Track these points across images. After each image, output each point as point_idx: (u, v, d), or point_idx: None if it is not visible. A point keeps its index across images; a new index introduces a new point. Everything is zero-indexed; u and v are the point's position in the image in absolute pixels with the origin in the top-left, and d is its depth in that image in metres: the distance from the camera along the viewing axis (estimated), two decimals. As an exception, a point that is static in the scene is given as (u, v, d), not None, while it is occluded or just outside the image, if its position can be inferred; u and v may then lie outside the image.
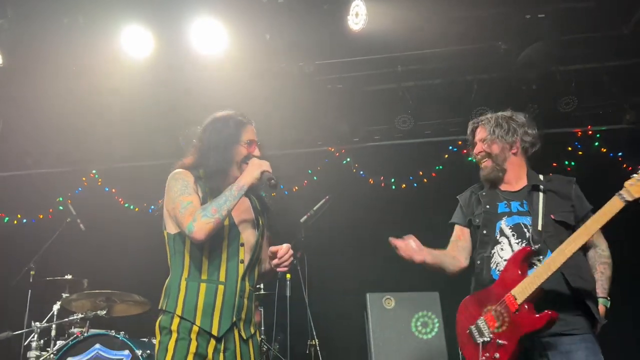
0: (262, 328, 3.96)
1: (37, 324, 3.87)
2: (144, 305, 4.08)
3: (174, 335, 1.91)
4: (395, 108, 5.20)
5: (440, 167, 5.37)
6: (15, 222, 5.59)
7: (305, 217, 3.94)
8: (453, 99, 5.20)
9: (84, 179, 5.68)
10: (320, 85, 5.08)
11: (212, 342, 1.92)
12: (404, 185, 5.43)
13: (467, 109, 5.09)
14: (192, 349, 1.89)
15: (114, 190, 5.67)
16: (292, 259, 2.09)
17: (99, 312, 3.86)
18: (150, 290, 4.31)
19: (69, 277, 4.17)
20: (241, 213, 2.15)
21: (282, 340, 3.74)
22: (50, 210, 5.59)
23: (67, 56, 4.43)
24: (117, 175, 5.71)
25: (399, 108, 5.17)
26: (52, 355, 3.74)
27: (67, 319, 3.89)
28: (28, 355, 3.78)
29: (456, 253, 2.41)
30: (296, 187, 5.56)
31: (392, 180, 5.45)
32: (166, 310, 1.97)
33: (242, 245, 2.08)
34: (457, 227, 2.45)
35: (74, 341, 3.56)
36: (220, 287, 1.98)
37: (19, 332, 3.92)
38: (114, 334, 3.54)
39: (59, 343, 3.89)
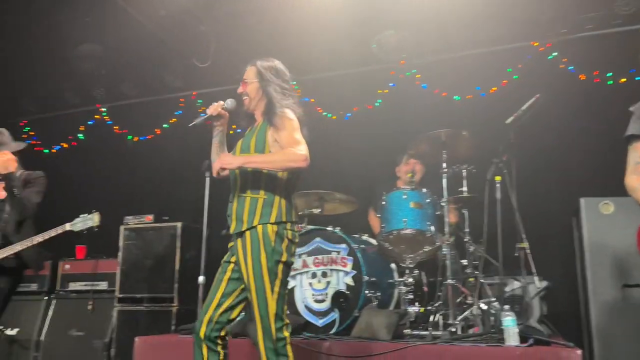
0: (467, 230, 3.99)
1: (261, 219, 4.39)
2: (353, 204, 4.36)
3: None
4: (615, -12, 4.53)
5: (671, 56, 4.62)
6: (232, 132, 6.22)
7: (512, 118, 3.74)
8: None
9: (287, 90, 6.06)
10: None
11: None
12: (623, 80, 4.80)
13: None
14: None
15: (312, 100, 5.97)
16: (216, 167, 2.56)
17: (313, 210, 4.24)
18: (355, 191, 4.60)
19: (283, 179, 4.62)
20: (242, 139, 2.72)
21: (489, 242, 3.72)
22: (259, 120, 6.12)
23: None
24: (315, 85, 5.97)
25: (621, -12, 4.49)
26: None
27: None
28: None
29: None
30: (494, 88, 5.27)
31: (609, 74, 4.84)
32: None
33: None
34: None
35: (298, 234, 3.97)
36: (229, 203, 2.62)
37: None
38: (331, 228, 3.87)
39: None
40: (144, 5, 5.02)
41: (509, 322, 3.02)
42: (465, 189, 4.01)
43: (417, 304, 3.81)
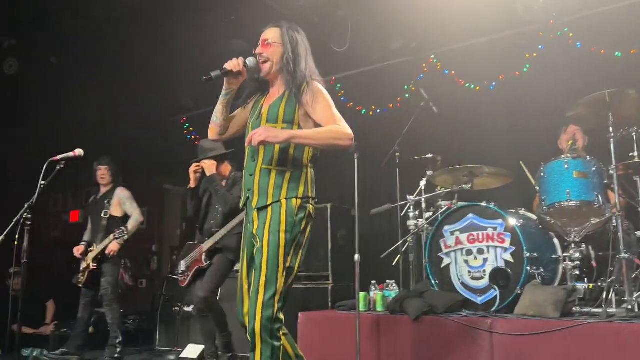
0: (640, 199, 3.61)
1: (411, 197, 4.39)
2: (505, 177, 4.17)
3: None
4: None
5: None
6: (371, 113, 6.28)
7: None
8: None
9: (423, 65, 5.93)
10: None
11: (251, 214, 2.43)
12: None
13: None
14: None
15: (452, 72, 5.78)
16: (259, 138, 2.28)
17: (463, 185, 4.13)
18: (507, 164, 4.39)
19: (429, 155, 4.56)
20: (266, 106, 2.50)
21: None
22: (398, 99, 6.07)
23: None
24: (454, 56, 5.77)
25: None
26: (426, 225, 4.23)
27: (436, 192, 4.29)
28: (408, 224, 4.36)
29: None
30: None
31: None
32: None
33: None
34: None
35: (449, 211, 3.91)
36: (245, 173, 2.49)
37: (396, 205, 4.51)
38: (485, 204, 3.74)
39: (429, 214, 4.37)
40: (284, -4, 5.23)
41: (702, 298, 2.70)
42: (636, 153, 3.63)
43: (585, 280, 3.56)
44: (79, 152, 3.66)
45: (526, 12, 5.01)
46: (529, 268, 3.46)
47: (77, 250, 5.08)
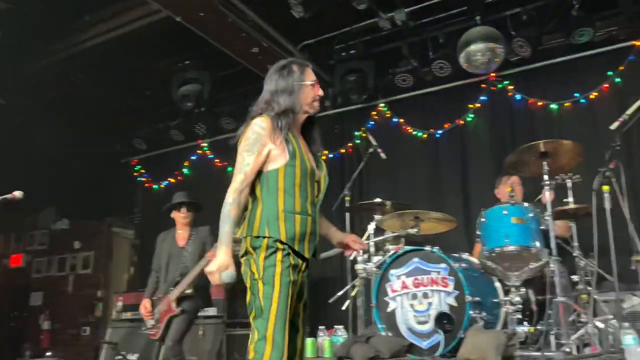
0: (576, 244, 3.77)
1: (360, 241, 4.44)
2: (450, 222, 4.29)
3: (279, 253, 2.26)
4: None
5: None
6: (324, 157, 6.35)
7: (617, 123, 3.54)
8: None
9: (373, 113, 6.11)
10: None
11: (301, 263, 2.31)
12: None
13: None
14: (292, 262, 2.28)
15: (401, 120, 5.97)
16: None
17: (409, 230, 4.21)
18: (453, 209, 4.52)
19: (377, 200, 4.64)
20: (309, 155, 2.47)
21: (600, 255, 3.50)
22: (349, 144, 6.21)
23: None
24: (403, 105, 5.99)
25: None
26: (374, 268, 4.27)
27: (384, 236, 4.36)
28: (356, 268, 4.39)
29: None
30: (596, 94, 5.00)
31: None
32: (269, 237, 2.28)
33: (318, 182, 2.46)
34: None
35: (395, 256, 3.97)
36: (309, 219, 2.34)
37: (346, 249, 4.54)
38: (430, 248, 3.82)
39: (377, 258, 4.41)
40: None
41: (631, 340, 2.82)
42: (571, 199, 3.83)
43: (525, 323, 3.65)
44: (18, 194, 3.54)
45: (469, 65, 5.28)
46: (471, 312, 3.53)
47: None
